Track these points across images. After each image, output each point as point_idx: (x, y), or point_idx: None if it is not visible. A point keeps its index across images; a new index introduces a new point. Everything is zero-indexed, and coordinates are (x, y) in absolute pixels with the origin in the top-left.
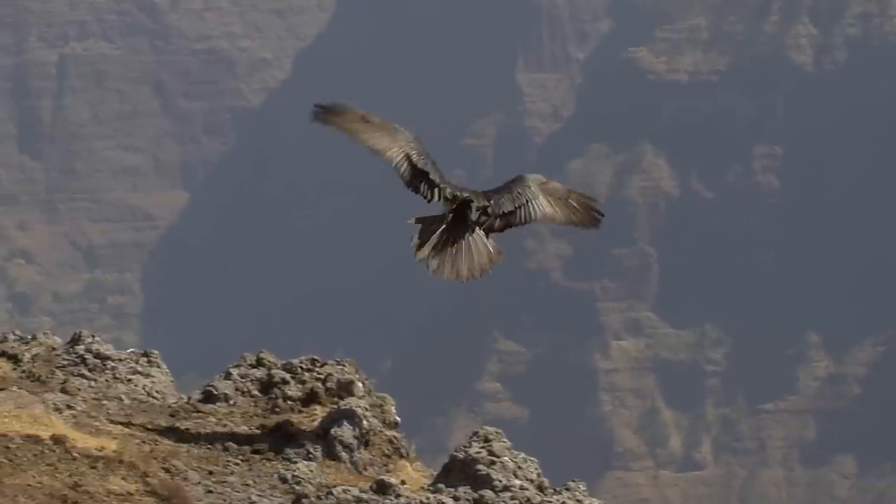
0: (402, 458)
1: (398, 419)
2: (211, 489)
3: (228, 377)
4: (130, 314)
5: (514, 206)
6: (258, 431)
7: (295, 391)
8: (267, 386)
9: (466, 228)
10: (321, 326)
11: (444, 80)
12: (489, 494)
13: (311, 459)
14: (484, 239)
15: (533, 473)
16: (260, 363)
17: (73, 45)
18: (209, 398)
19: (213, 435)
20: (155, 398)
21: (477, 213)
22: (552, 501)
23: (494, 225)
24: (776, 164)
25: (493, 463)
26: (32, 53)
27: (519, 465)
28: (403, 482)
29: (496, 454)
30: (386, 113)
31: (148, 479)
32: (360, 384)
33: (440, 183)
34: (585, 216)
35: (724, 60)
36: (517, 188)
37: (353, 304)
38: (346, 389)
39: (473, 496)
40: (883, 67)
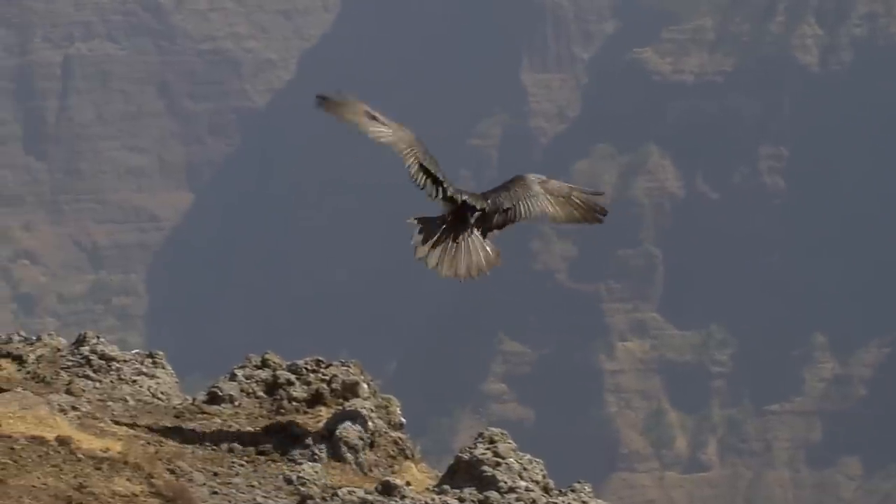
0: (407, 459)
1: (403, 420)
2: (216, 490)
3: (233, 378)
4: (135, 315)
5: (511, 202)
6: (263, 432)
7: (300, 392)
8: (272, 387)
9: (466, 229)
10: (326, 327)
11: (448, 80)
12: (494, 496)
13: (316, 461)
14: (483, 241)
15: (538, 475)
16: (265, 364)
17: (77, 45)
18: (214, 399)
19: (218, 436)
20: (160, 399)
21: (477, 214)
22: (557, 503)
23: (493, 221)
24: (782, 164)
25: (498, 464)
26: (37, 54)
27: (524, 466)
28: (408, 483)
29: (501, 455)
30: (391, 113)
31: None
32: (365, 385)
33: (444, 181)
34: (588, 212)
35: (729, 61)
36: (515, 186)
37: (358, 304)
38: (351, 390)
39: (479, 497)
40: (889, 68)
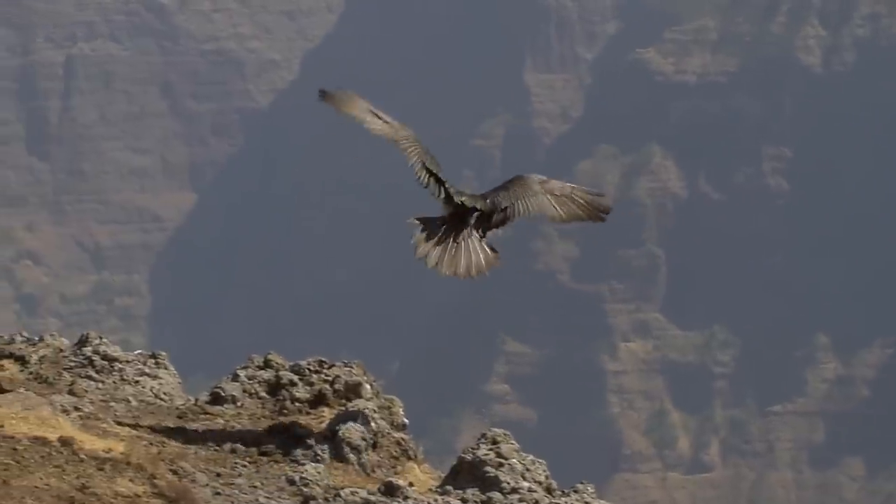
0: (409, 459)
1: (406, 421)
2: (219, 491)
3: (236, 379)
4: (138, 316)
5: (509, 201)
6: (266, 433)
7: (303, 393)
8: (275, 387)
9: (466, 229)
10: (329, 328)
11: (452, 80)
12: (497, 496)
13: (318, 461)
14: (482, 242)
15: (541, 475)
16: (268, 365)
17: (80, 45)
18: (217, 400)
19: (220, 437)
20: (162, 400)
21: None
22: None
23: (493, 219)
24: (785, 165)
25: (501, 465)
26: (40, 54)
27: (527, 466)
28: (411, 484)
29: (504, 456)
30: (394, 113)
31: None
32: (367, 386)
33: (446, 182)
34: (591, 211)
35: (732, 61)
36: (514, 185)
37: (360, 305)
38: (353, 391)
39: (482, 498)
40: (892, 68)
